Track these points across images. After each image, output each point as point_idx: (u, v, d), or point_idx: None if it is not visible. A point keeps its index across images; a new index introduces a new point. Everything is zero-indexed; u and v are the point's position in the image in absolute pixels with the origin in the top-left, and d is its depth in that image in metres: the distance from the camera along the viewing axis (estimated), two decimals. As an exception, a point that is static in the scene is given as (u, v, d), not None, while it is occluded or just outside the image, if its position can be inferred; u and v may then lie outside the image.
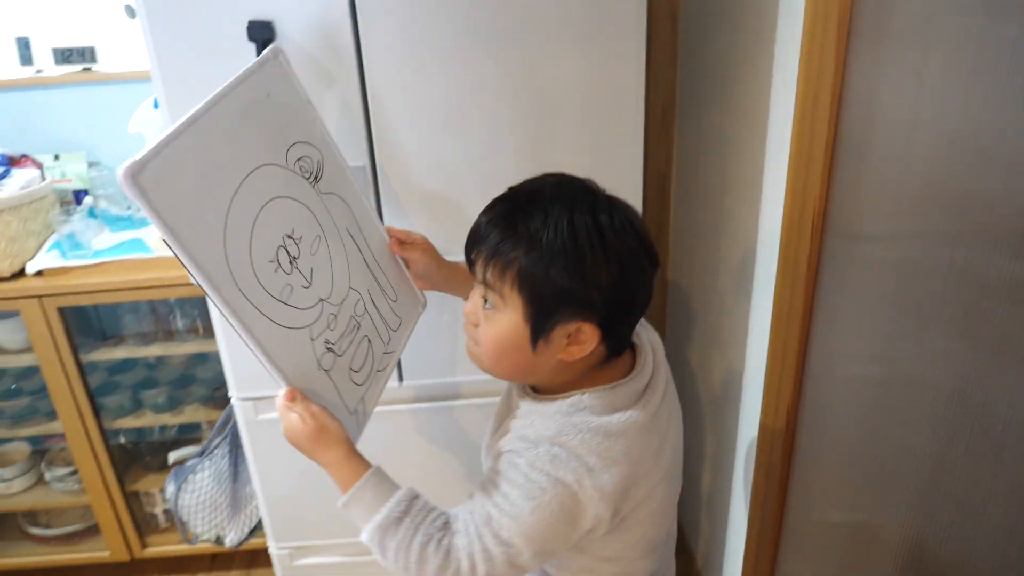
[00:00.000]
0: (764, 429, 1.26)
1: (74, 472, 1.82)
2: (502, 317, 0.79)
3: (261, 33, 1.04)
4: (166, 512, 1.90)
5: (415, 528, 0.78)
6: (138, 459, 1.89)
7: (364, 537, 0.81)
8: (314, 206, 0.85)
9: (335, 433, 0.82)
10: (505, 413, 0.91)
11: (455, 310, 1.25)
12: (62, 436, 1.75)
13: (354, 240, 0.92)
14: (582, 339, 0.79)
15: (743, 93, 1.31)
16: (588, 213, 0.76)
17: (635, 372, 0.85)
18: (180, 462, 1.52)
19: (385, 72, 1.08)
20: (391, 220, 1.17)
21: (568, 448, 0.78)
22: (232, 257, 0.72)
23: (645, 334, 0.92)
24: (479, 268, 0.80)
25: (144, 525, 1.89)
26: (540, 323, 0.77)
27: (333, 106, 1.09)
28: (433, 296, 1.23)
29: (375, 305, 0.94)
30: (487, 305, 0.80)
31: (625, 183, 1.18)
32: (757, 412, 1.28)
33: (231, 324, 0.72)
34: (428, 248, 1.02)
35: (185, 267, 0.68)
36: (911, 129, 0.83)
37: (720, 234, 1.48)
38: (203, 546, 1.63)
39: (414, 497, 0.81)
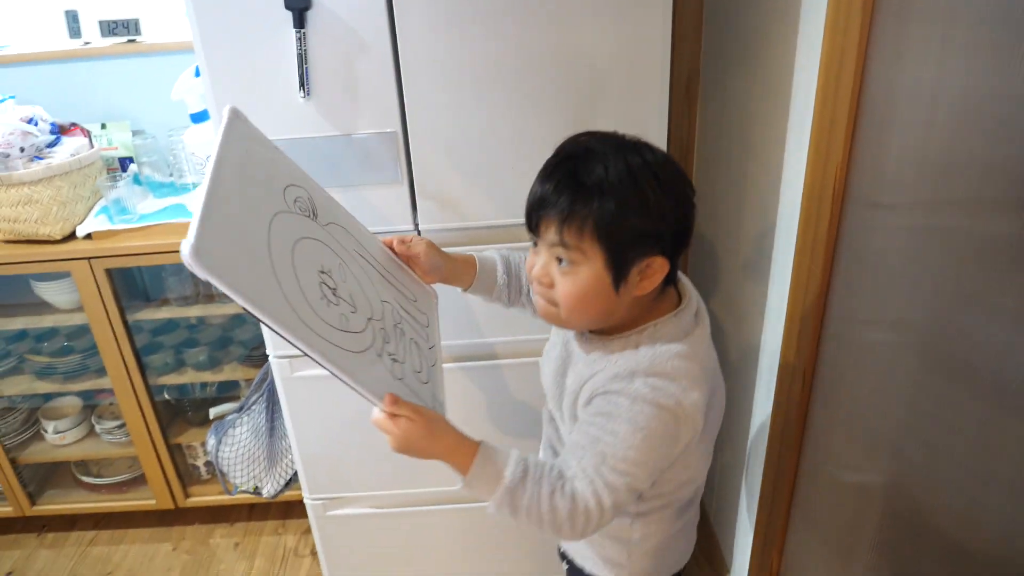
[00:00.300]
0: (780, 393, 1.29)
1: (122, 425, 1.92)
2: (582, 271, 0.83)
3: (298, 2, 1.08)
4: (207, 464, 2.00)
5: (538, 483, 0.81)
6: (181, 414, 1.99)
7: (492, 508, 0.82)
8: (325, 239, 0.89)
9: (441, 422, 0.84)
10: (565, 364, 0.97)
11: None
12: (111, 391, 1.85)
13: (364, 259, 0.96)
14: (652, 273, 0.85)
15: (767, 62, 1.32)
16: (637, 155, 0.82)
17: (686, 300, 0.93)
18: (220, 417, 1.60)
19: (417, 39, 1.11)
20: (420, 184, 1.21)
21: (663, 375, 0.84)
22: (295, 304, 0.75)
23: None
24: (551, 232, 0.83)
25: (187, 476, 1.99)
26: (620, 267, 0.83)
27: (366, 73, 1.13)
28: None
29: (405, 310, 0.98)
30: (563, 264, 0.84)
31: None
32: (774, 378, 1.30)
33: (323, 366, 0.76)
34: (429, 244, 1.04)
35: (270, 328, 0.72)
36: (933, 99, 0.84)
37: (741, 203, 1.50)
38: (242, 496, 1.72)
39: (524, 458, 0.84)
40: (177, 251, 1.63)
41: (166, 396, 1.97)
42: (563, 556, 1.17)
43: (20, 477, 1.98)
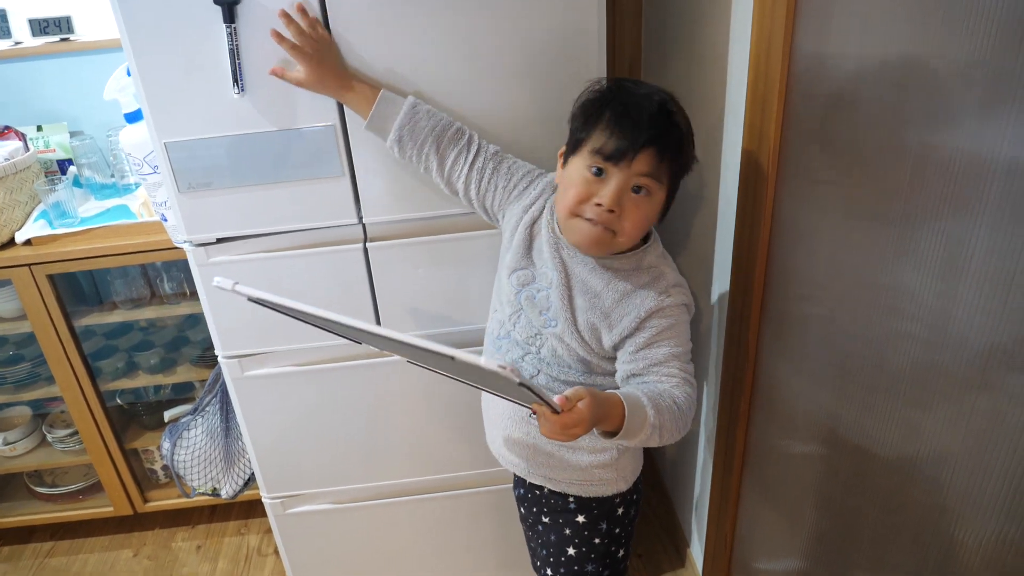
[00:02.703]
0: (728, 362, 1.31)
1: (74, 433, 1.89)
2: (655, 196, 0.98)
3: (226, -3, 1.06)
4: (164, 468, 1.97)
5: (666, 402, 0.96)
6: (135, 419, 1.96)
7: (640, 440, 0.95)
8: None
9: (593, 392, 0.89)
10: (570, 290, 1.07)
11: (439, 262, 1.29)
12: (61, 399, 1.81)
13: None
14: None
15: (703, 45, 1.33)
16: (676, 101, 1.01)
17: (653, 231, 1.11)
18: (174, 420, 1.58)
19: (351, 30, 1.10)
20: (362, 177, 1.21)
21: (679, 284, 1.06)
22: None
23: None
24: (647, 164, 0.95)
25: (144, 481, 1.96)
26: (673, 194, 1.02)
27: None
28: (411, 254, 1.27)
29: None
30: (639, 192, 0.97)
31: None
32: (720, 351, 1.33)
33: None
34: (314, 60, 1.08)
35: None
36: (859, 72, 0.86)
37: (685, 182, 1.52)
38: (202, 498, 1.70)
39: (640, 391, 0.97)
40: (123, 253, 1.65)
41: (119, 401, 1.93)
42: (531, 495, 1.23)
43: (-29, 491, 1.93)
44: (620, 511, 1.19)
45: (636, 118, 0.95)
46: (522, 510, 1.29)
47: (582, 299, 1.05)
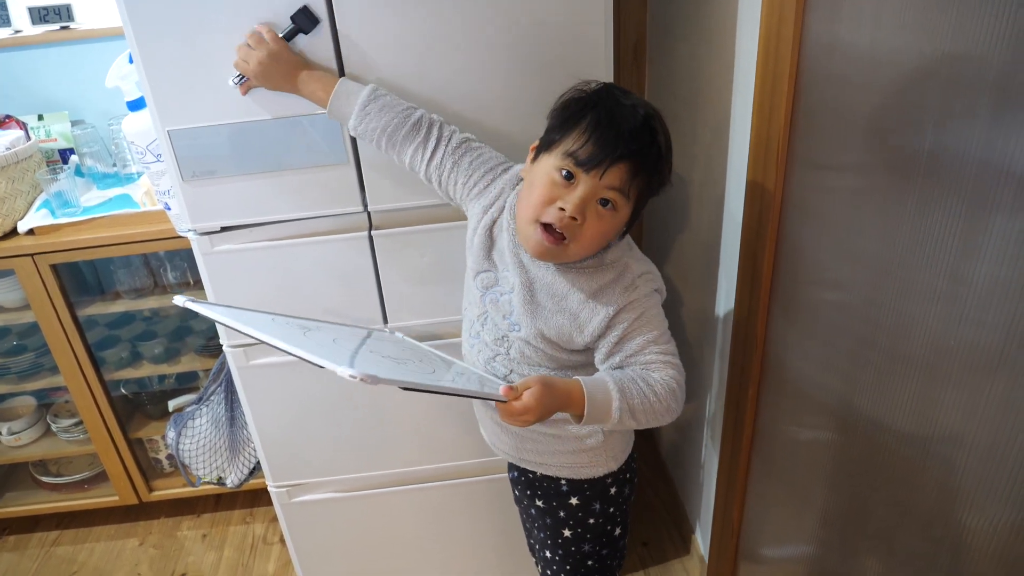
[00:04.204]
0: (735, 356, 1.31)
1: (79, 423, 1.89)
2: (619, 215, 0.95)
3: (228, -17, 1.05)
4: (169, 457, 1.97)
5: (635, 383, 0.95)
6: (140, 408, 1.96)
7: (614, 423, 0.94)
8: (361, 340, 1.10)
9: (542, 377, 0.91)
10: (532, 292, 1.04)
11: (437, 251, 1.28)
12: (66, 389, 1.81)
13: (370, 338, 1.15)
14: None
15: (711, 27, 1.32)
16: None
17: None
18: (179, 409, 1.58)
19: (355, 15, 1.09)
20: (367, 164, 1.20)
21: (646, 272, 1.03)
22: (429, 372, 0.99)
23: None
24: (617, 177, 0.92)
25: (149, 470, 1.97)
26: (640, 211, 0.98)
27: (305, 51, 1.10)
28: (417, 242, 1.27)
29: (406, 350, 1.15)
30: (604, 205, 0.93)
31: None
32: (728, 343, 1.33)
33: (450, 394, 0.89)
34: (261, 62, 1.07)
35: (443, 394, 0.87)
36: (870, 58, 0.85)
37: (691, 169, 1.51)
38: (207, 487, 1.70)
39: (611, 373, 0.97)
40: (126, 243, 1.67)
41: (123, 391, 1.93)
42: (524, 479, 1.23)
43: (-23, 481, 1.94)
44: (613, 490, 1.19)
45: (618, 128, 0.91)
46: (516, 493, 1.29)
47: (548, 302, 1.03)
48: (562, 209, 0.92)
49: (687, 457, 1.78)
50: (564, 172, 0.93)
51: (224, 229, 1.24)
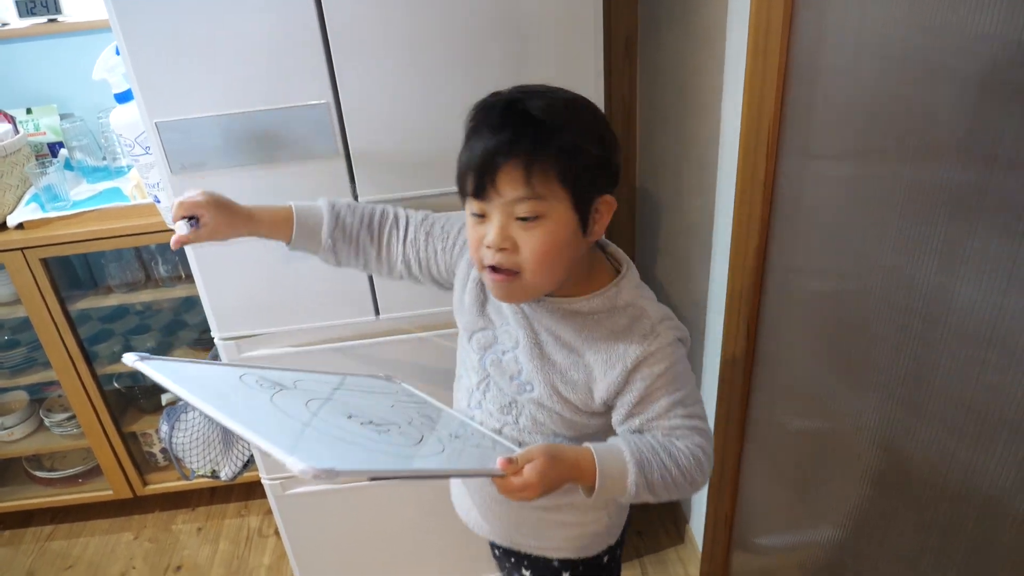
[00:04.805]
0: (726, 348, 1.31)
1: (72, 417, 1.89)
2: (551, 220, 0.79)
3: (214, -26, 1.04)
4: (163, 451, 1.97)
5: (656, 453, 0.82)
6: (133, 402, 1.95)
7: (631, 494, 0.82)
8: (319, 395, 0.91)
9: (548, 447, 0.80)
10: (541, 348, 0.90)
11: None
12: (58, 384, 1.81)
13: (346, 389, 1.00)
14: (602, 212, 0.83)
15: (701, 18, 1.31)
16: (550, 90, 0.82)
17: (624, 257, 0.94)
18: (172, 403, 1.57)
19: (343, 5, 1.08)
20: (357, 155, 1.19)
21: (666, 317, 0.90)
22: (385, 452, 0.78)
23: None
24: (514, 185, 0.77)
25: (144, 464, 1.96)
26: (586, 204, 0.81)
27: (293, 43, 1.10)
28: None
29: (403, 403, 1.01)
30: (528, 220, 0.79)
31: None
32: (720, 334, 1.33)
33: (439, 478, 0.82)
34: (212, 196, 0.94)
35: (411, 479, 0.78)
36: (858, 48, 0.85)
37: (681, 160, 1.51)
38: (201, 481, 1.70)
39: (628, 440, 0.84)
40: (116, 236, 1.57)
41: (116, 385, 1.93)
42: (511, 558, 1.12)
43: (-30, 477, 1.93)
44: (606, 559, 1.09)
45: (482, 135, 0.79)
46: (496, 560, 1.19)
47: (558, 354, 0.90)
48: (489, 246, 0.82)
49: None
50: (473, 214, 0.83)
51: (214, 222, 1.24)
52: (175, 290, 1.75)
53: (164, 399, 1.79)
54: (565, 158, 0.77)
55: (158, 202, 1.33)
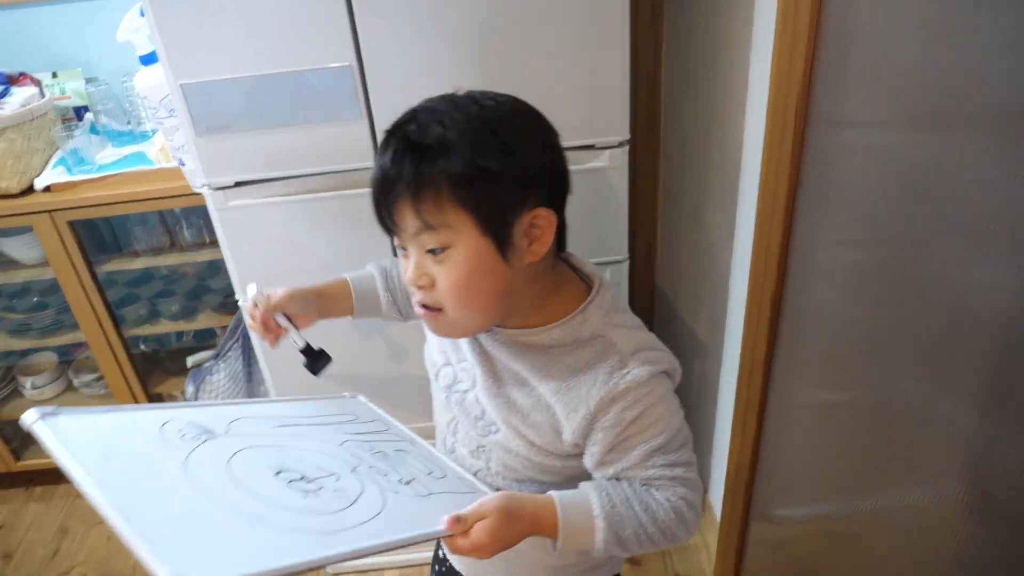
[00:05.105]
0: (749, 320, 1.30)
1: (100, 378, 1.92)
2: (460, 250, 0.71)
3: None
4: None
5: (630, 506, 0.76)
6: (159, 365, 1.99)
7: (600, 550, 0.76)
8: (245, 443, 0.78)
9: (505, 498, 0.72)
10: (498, 384, 0.82)
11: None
12: (86, 345, 1.84)
13: (290, 425, 0.86)
14: (540, 228, 0.74)
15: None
16: (475, 105, 0.73)
17: (597, 276, 0.83)
18: (197, 365, 1.60)
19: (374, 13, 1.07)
20: (380, 119, 1.19)
21: (646, 347, 0.78)
22: (295, 529, 0.67)
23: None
24: (407, 217, 0.71)
25: (170, 426, 2.00)
26: (500, 228, 0.71)
27: (315, 4, 1.09)
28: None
29: (359, 434, 0.88)
30: (437, 253, 0.72)
31: (612, 83, 1.18)
32: (743, 305, 1.32)
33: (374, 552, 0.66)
34: (288, 291, 0.92)
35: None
36: (893, 9, 0.83)
37: (708, 132, 1.48)
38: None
39: (600, 489, 0.77)
40: (142, 200, 1.54)
41: (142, 347, 1.96)
42: None
43: (2, 434, 1.98)
44: None
45: (379, 164, 0.73)
46: None
47: (518, 393, 0.81)
48: (408, 284, 0.77)
49: (700, 415, 1.78)
50: (397, 247, 0.77)
51: (238, 184, 1.24)
52: (200, 254, 1.77)
53: (190, 361, 1.82)
54: (457, 182, 0.69)
55: (183, 165, 1.34)
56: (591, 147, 1.24)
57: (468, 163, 0.69)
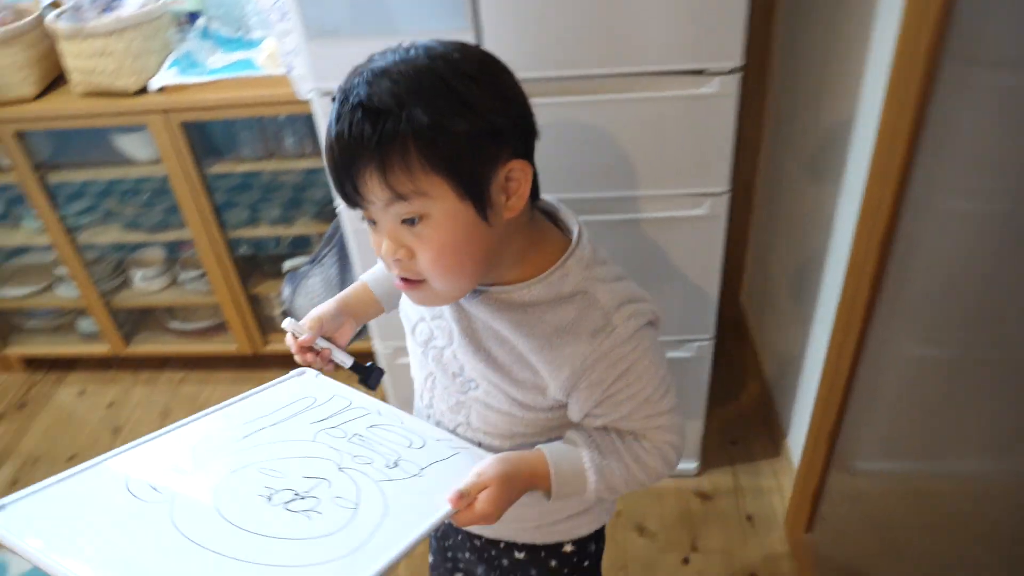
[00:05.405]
0: (853, 262, 1.25)
1: (203, 275, 2.03)
2: (438, 218, 0.67)
3: None
4: (283, 314, 2.10)
5: (619, 457, 0.78)
6: (257, 267, 2.07)
7: (591, 497, 0.80)
8: (228, 467, 0.72)
9: (500, 462, 0.73)
10: (474, 336, 0.79)
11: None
12: (191, 243, 1.94)
13: (272, 428, 0.79)
14: (516, 182, 0.69)
15: None
16: (426, 58, 0.66)
17: (576, 224, 0.78)
18: (294, 269, 1.66)
19: None
20: (489, 31, 1.16)
21: (630, 298, 0.76)
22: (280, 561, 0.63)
23: None
24: (375, 189, 0.65)
25: (265, 324, 2.11)
26: (476, 188, 0.66)
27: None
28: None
29: (341, 424, 0.82)
30: (414, 223, 0.67)
31: (728, 3, 1.12)
32: (847, 248, 1.26)
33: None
34: (320, 317, 0.88)
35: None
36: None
37: (826, 63, 1.40)
38: (316, 345, 1.80)
39: (588, 441, 0.78)
40: (249, 104, 1.54)
41: (243, 250, 2.05)
42: (508, 548, 0.98)
43: (115, 319, 2.13)
44: (592, 547, 1.00)
45: (335, 136, 0.66)
46: (451, 564, 1.07)
47: (499, 349, 0.78)
48: (384, 259, 0.72)
49: (786, 356, 1.74)
50: (364, 219, 0.72)
51: (344, 92, 1.25)
52: (300, 162, 1.82)
53: (286, 265, 1.89)
54: (423, 144, 0.63)
55: (291, 71, 1.36)
56: (700, 72, 1.19)
57: (432, 121, 0.63)
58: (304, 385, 0.89)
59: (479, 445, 0.83)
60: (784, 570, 1.55)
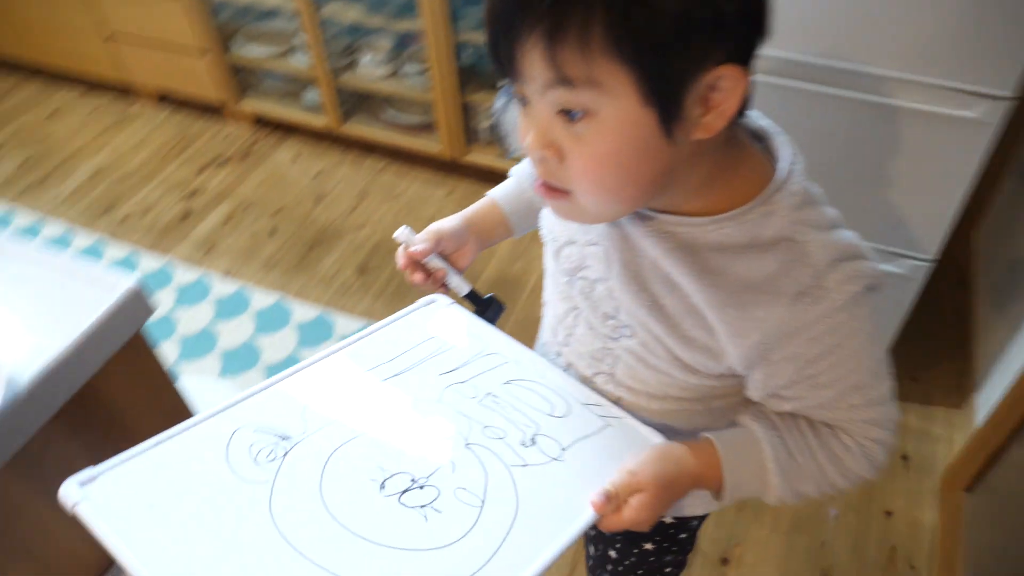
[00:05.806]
0: None
1: (425, 71, 2.07)
2: (607, 119, 0.50)
3: None
4: (490, 128, 2.12)
5: (813, 457, 0.62)
6: (477, 76, 2.08)
7: (774, 501, 0.63)
8: (330, 446, 0.62)
9: (657, 460, 0.61)
10: (639, 272, 0.62)
11: None
12: (420, 37, 1.96)
13: (382, 398, 0.67)
14: (722, 93, 0.50)
15: None
16: None
17: (786, 149, 0.59)
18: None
19: None
20: None
21: (849, 254, 0.56)
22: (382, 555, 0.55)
23: None
24: (539, 64, 0.48)
25: (470, 134, 2.15)
26: (668, 91, 0.49)
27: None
28: None
29: (464, 381, 0.69)
30: (574, 117, 0.50)
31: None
32: None
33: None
34: (441, 231, 0.76)
35: None
36: None
37: None
38: (511, 163, 1.82)
39: (774, 435, 0.62)
40: None
41: (466, 55, 2.05)
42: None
43: (338, 96, 2.25)
44: (683, 535, 0.89)
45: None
46: None
47: (669, 297, 0.60)
48: (527, 154, 0.56)
49: (1009, 313, 1.54)
50: (516, 96, 0.55)
51: None
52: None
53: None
54: (615, 17, 0.45)
55: None
56: (961, 91, 1.09)
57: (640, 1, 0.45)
58: (434, 319, 0.75)
59: (619, 402, 0.69)
60: (924, 519, 1.46)
